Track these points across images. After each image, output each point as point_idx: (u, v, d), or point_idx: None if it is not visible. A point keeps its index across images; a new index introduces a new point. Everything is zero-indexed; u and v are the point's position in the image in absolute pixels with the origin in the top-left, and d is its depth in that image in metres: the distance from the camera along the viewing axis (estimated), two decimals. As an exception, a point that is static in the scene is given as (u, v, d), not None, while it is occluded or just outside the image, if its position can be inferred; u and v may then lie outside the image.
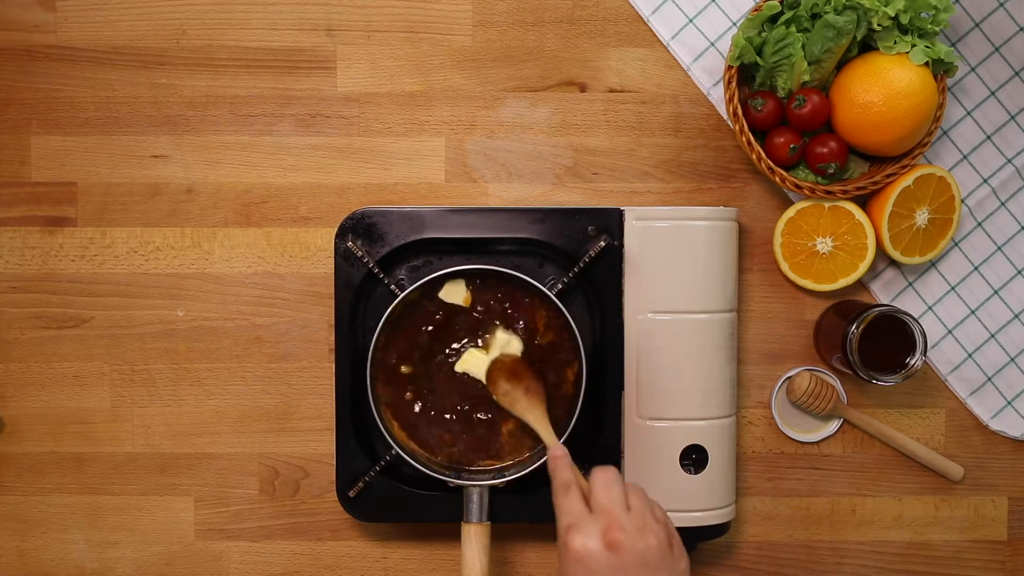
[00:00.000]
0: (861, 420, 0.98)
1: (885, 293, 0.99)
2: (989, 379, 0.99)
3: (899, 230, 0.94)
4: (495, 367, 0.90)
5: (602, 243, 0.92)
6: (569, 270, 0.92)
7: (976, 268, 0.99)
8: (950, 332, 0.99)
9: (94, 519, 0.99)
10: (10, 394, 0.98)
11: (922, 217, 0.94)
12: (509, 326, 0.91)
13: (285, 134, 0.98)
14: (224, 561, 0.99)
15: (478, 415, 0.91)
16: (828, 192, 0.93)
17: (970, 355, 0.99)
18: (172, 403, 0.98)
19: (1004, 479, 1.00)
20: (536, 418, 0.86)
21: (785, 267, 0.97)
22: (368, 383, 0.88)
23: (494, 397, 0.89)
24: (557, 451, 0.80)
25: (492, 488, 0.88)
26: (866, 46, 0.93)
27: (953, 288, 0.99)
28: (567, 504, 0.75)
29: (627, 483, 0.76)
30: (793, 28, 0.90)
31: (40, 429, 0.98)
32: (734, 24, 0.98)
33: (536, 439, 0.89)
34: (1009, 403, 0.99)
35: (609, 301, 0.92)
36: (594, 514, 0.74)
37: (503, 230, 0.93)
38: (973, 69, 0.98)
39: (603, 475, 0.76)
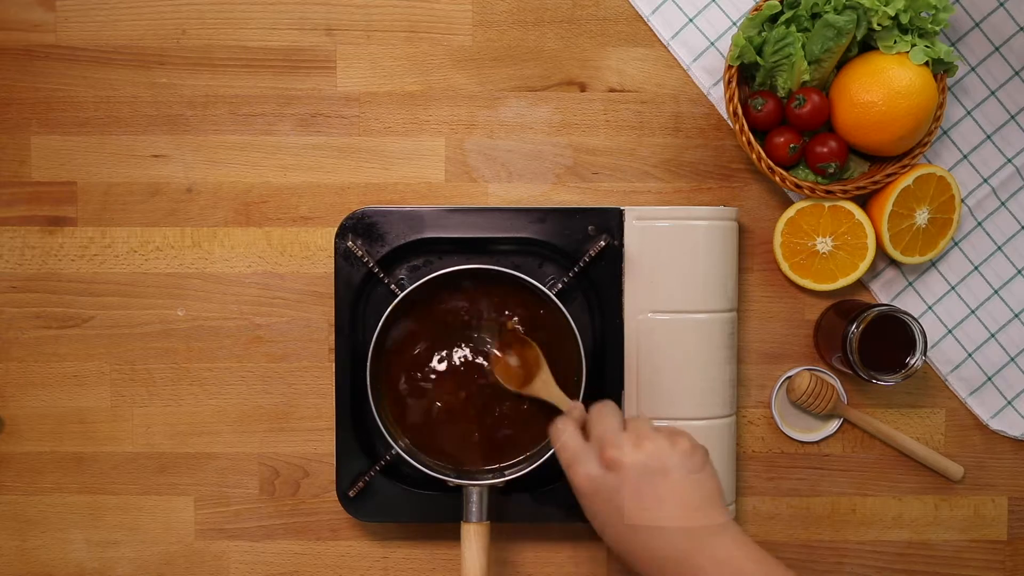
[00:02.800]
0: (861, 420, 0.98)
1: (885, 293, 0.99)
2: (989, 379, 0.99)
3: (899, 230, 0.94)
4: (495, 362, 0.90)
5: (602, 243, 0.92)
6: (569, 270, 0.92)
7: (976, 268, 0.99)
8: (950, 332, 0.99)
9: (94, 519, 0.99)
10: (10, 394, 0.98)
11: (922, 217, 0.94)
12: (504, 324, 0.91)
13: (285, 134, 0.98)
14: (224, 561, 0.99)
15: (478, 414, 0.91)
16: (828, 192, 0.93)
17: (970, 355, 0.99)
18: (172, 403, 0.98)
19: (1004, 479, 1.00)
20: (547, 390, 0.86)
21: (785, 267, 0.97)
22: (368, 383, 0.88)
23: (508, 387, 0.89)
24: (571, 404, 0.82)
25: (492, 488, 0.88)
26: (866, 46, 0.93)
27: (953, 288, 0.99)
28: (563, 442, 0.75)
29: (628, 416, 0.77)
30: (793, 28, 0.90)
31: (40, 429, 0.98)
32: (734, 24, 0.98)
33: (538, 436, 0.89)
34: (1009, 403, 0.99)
35: (609, 301, 0.92)
36: (591, 444, 0.74)
37: (503, 230, 0.93)
38: (973, 69, 0.98)
39: (598, 407, 0.77)
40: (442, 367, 0.91)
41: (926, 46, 0.90)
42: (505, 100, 0.98)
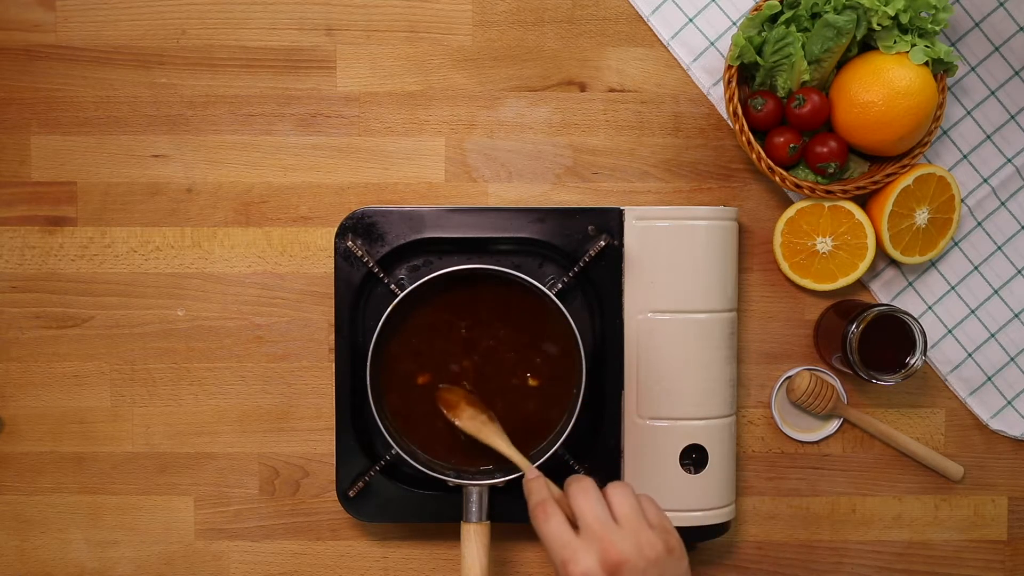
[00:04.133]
0: (861, 420, 0.98)
1: (885, 293, 0.99)
2: (989, 379, 0.99)
3: (899, 230, 0.94)
4: (444, 394, 0.89)
5: (602, 243, 0.92)
6: (569, 270, 0.92)
7: (976, 268, 0.99)
8: (950, 332, 0.99)
9: (94, 519, 0.99)
10: (10, 394, 0.98)
11: (922, 217, 0.94)
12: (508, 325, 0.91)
13: (285, 134, 0.98)
14: (224, 561, 0.99)
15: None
16: (828, 192, 0.93)
17: (970, 355, 0.99)
18: (172, 403, 0.98)
19: (1004, 479, 1.00)
20: (506, 445, 0.84)
21: (785, 267, 0.97)
22: (368, 383, 0.88)
23: (457, 423, 0.87)
24: (531, 474, 0.79)
25: (492, 488, 0.88)
26: (866, 46, 0.93)
27: (953, 288, 0.99)
28: (553, 532, 0.73)
29: (609, 487, 0.74)
30: (793, 28, 0.90)
31: (40, 429, 0.98)
32: (734, 24, 0.98)
33: (537, 436, 0.89)
34: (1009, 403, 0.99)
35: (609, 301, 0.92)
36: (584, 538, 0.72)
37: (503, 230, 0.93)
38: (973, 69, 0.98)
39: (580, 492, 0.74)
40: (442, 367, 0.91)
41: (926, 46, 0.90)
42: (505, 100, 0.98)
